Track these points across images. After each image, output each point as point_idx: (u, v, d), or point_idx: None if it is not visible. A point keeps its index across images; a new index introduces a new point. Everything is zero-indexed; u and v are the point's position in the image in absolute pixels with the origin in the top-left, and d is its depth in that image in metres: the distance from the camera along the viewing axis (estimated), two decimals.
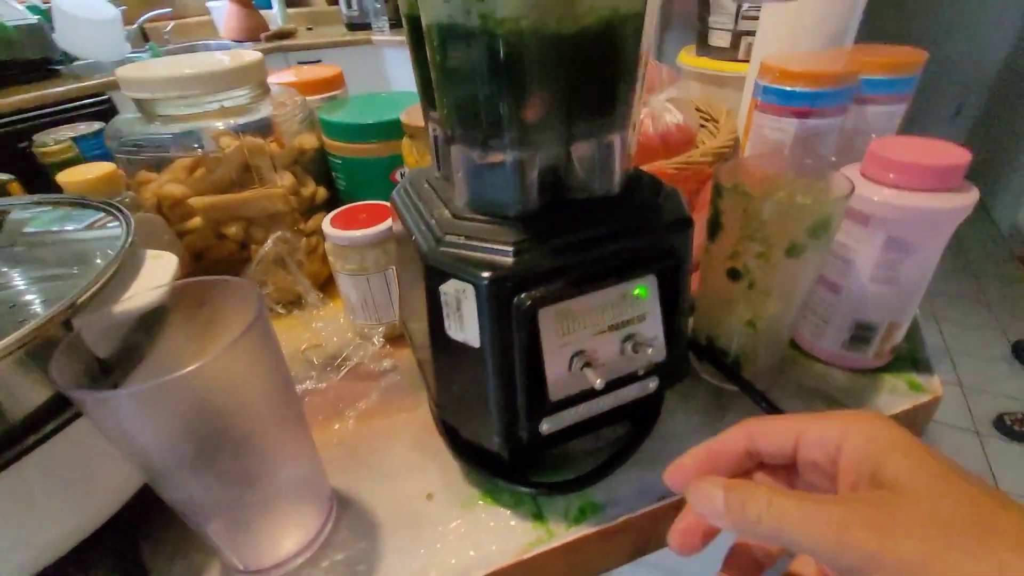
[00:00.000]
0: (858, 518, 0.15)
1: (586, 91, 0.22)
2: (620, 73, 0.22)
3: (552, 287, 0.23)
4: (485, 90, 0.21)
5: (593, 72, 0.22)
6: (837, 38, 0.52)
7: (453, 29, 0.20)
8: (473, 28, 0.19)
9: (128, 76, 0.38)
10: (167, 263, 0.29)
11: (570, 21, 0.20)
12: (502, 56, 0.20)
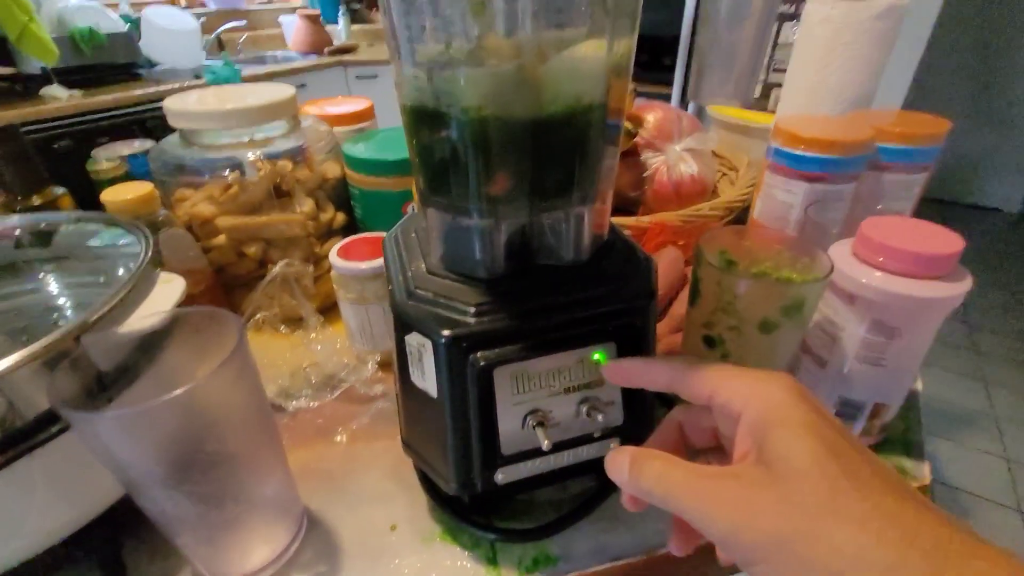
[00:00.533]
0: (725, 495, 0.16)
1: (551, 170, 0.24)
2: (585, 155, 0.24)
3: (508, 349, 0.24)
4: (453, 166, 0.23)
5: (558, 153, 0.23)
6: (860, 102, 0.51)
7: (423, 111, 0.22)
8: (441, 112, 0.21)
9: (173, 108, 0.43)
10: (175, 287, 0.32)
11: (533, 110, 0.21)
12: (468, 138, 0.22)
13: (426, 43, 0.21)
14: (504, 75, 0.21)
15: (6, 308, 0.38)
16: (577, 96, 0.22)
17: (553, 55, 0.21)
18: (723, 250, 0.35)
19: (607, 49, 0.21)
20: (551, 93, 0.21)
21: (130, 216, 0.41)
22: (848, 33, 0.49)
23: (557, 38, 0.20)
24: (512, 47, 0.20)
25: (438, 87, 0.21)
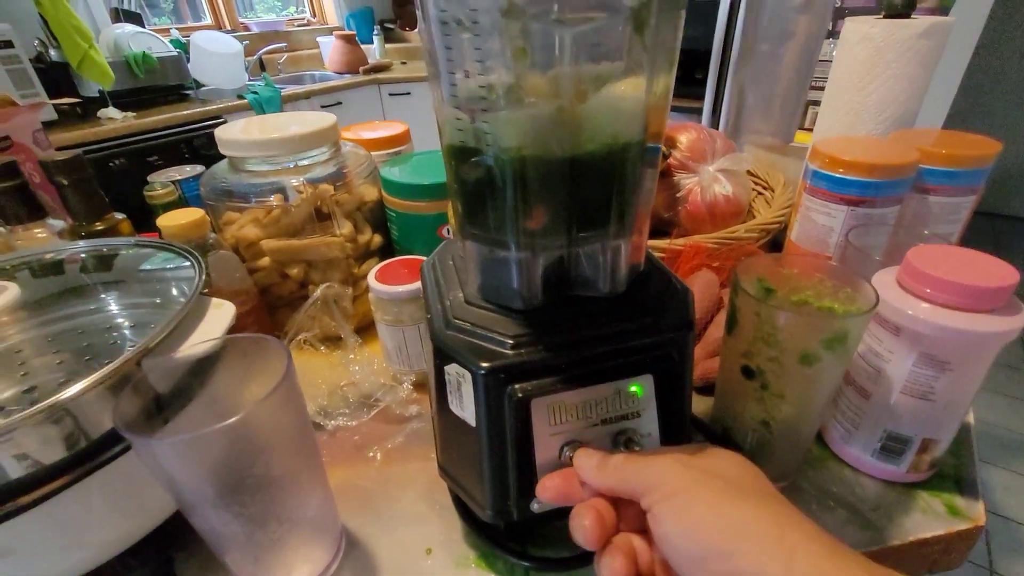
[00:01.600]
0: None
1: (589, 204, 0.24)
2: (622, 190, 0.24)
3: (545, 381, 0.25)
4: (492, 200, 0.23)
5: (595, 189, 0.23)
6: (902, 122, 0.50)
7: (464, 149, 0.23)
8: (481, 151, 0.22)
9: (223, 137, 0.45)
10: (225, 312, 0.33)
11: (572, 148, 0.22)
12: (507, 175, 0.22)
13: (468, 83, 0.21)
14: (544, 117, 0.21)
15: (71, 327, 0.40)
16: (616, 134, 0.22)
17: (592, 95, 0.21)
18: (761, 277, 0.34)
19: (647, 88, 0.22)
20: (590, 132, 0.22)
21: (183, 239, 0.43)
22: (890, 52, 0.48)
23: (596, 77, 0.21)
24: (552, 88, 0.21)
25: (479, 128, 0.22)
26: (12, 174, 0.40)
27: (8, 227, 0.42)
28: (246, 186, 0.48)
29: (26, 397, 0.34)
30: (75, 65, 1.59)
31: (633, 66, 0.21)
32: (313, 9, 2.74)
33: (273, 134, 0.45)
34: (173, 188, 0.48)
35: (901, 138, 0.47)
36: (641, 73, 0.21)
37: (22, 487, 0.25)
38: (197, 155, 1.76)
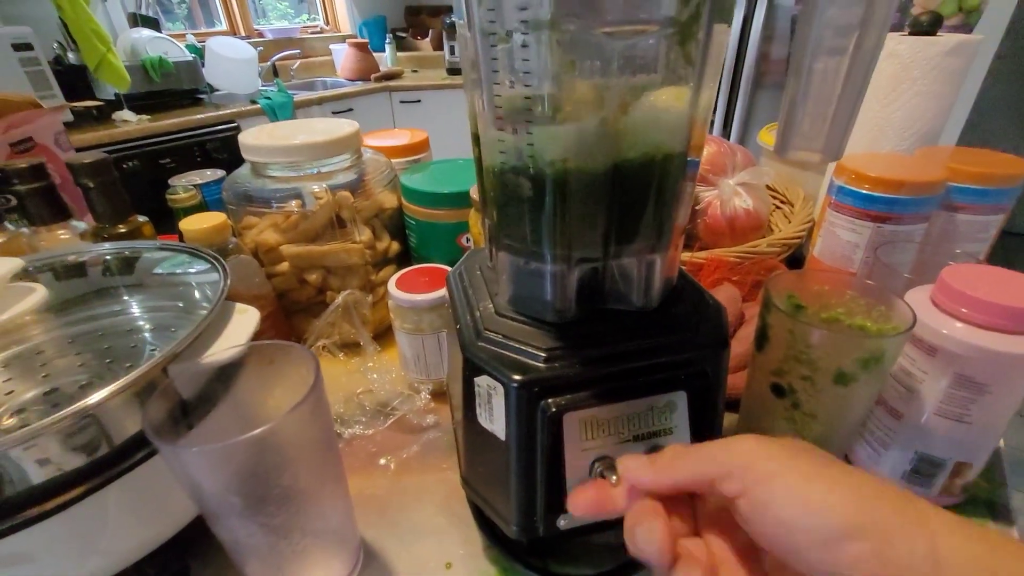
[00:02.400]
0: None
1: (627, 218, 0.24)
2: (662, 203, 0.24)
3: (578, 396, 0.24)
4: (532, 214, 0.23)
5: (635, 202, 0.23)
6: (927, 139, 0.50)
7: (504, 162, 0.22)
8: (524, 166, 0.22)
9: (246, 142, 0.45)
10: (250, 317, 0.33)
11: (613, 159, 0.22)
12: (548, 188, 0.22)
13: (511, 94, 0.21)
14: (588, 129, 0.21)
15: (93, 328, 0.40)
16: (659, 143, 0.22)
17: (636, 107, 0.21)
18: (791, 294, 0.34)
19: (691, 100, 0.21)
20: (632, 142, 0.22)
21: (204, 243, 0.43)
22: (916, 69, 0.48)
23: (641, 89, 0.21)
24: (597, 100, 0.21)
25: (520, 140, 0.22)
26: (40, 176, 0.40)
27: (32, 228, 0.42)
28: (267, 191, 0.48)
29: (47, 398, 0.34)
30: (93, 68, 1.61)
31: (678, 79, 0.21)
32: (327, 17, 2.77)
33: (296, 140, 0.45)
34: (195, 192, 0.48)
35: (928, 155, 0.46)
36: (685, 85, 0.21)
37: (44, 493, 0.25)
38: (209, 158, 1.78)
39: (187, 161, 1.73)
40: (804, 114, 0.20)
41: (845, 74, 0.20)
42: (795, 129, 0.21)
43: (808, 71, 0.20)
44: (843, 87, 0.21)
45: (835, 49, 0.19)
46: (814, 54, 0.19)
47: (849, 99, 0.20)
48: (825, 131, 0.20)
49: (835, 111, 0.20)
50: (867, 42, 0.19)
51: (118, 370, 0.36)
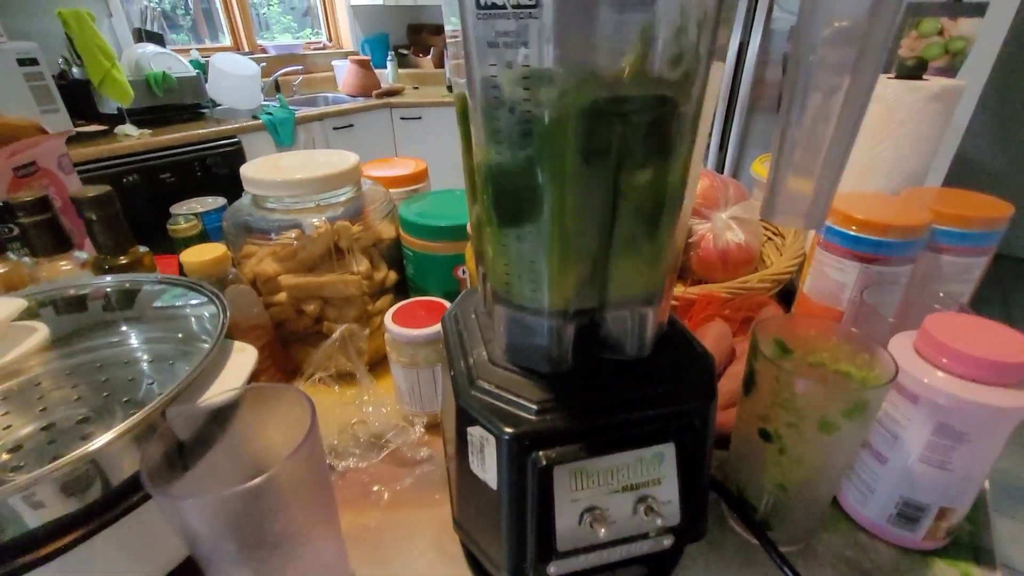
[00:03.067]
0: None
1: (625, 277, 0.24)
2: (655, 265, 0.24)
3: (569, 448, 0.25)
4: (530, 269, 0.24)
5: (628, 262, 0.24)
6: (914, 179, 0.51)
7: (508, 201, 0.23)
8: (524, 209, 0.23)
9: (248, 175, 0.46)
10: (248, 356, 0.33)
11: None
12: (548, 239, 0.23)
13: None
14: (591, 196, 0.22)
15: (91, 360, 0.40)
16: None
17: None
18: (778, 337, 0.35)
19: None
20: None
21: (204, 275, 0.44)
22: (901, 112, 0.49)
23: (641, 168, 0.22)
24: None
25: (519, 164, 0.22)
26: (43, 208, 0.40)
27: (34, 258, 0.42)
28: (267, 222, 0.48)
29: (44, 434, 0.34)
30: (96, 83, 1.62)
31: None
32: (329, 33, 2.81)
33: (297, 175, 0.46)
34: (196, 222, 0.49)
35: (913, 197, 0.47)
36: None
37: (37, 539, 0.25)
38: (209, 173, 1.79)
39: (187, 176, 1.74)
40: (788, 186, 0.21)
41: (826, 150, 0.21)
42: (780, 198, 0.22)
43: (792, 147, 0.21)
44: (827, 157, 0.22)
45: (817, 125, 0.20)
46: (800, 131, 0.20)
47: (828, 176, 0.21)
48: (808, 203, 0.21)
49: (816, 185, 0.21)
50: (853, 111, 0.20)
51: (115, 404, 0.37)
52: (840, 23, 0.18)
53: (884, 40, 0.18)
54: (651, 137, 0.21)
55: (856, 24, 0.18)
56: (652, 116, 0.20)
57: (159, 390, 0.38)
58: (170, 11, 2.32)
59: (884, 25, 0.17)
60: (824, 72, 0.19)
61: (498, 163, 0.21)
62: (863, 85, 0.19)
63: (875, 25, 0.18)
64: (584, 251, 0.23)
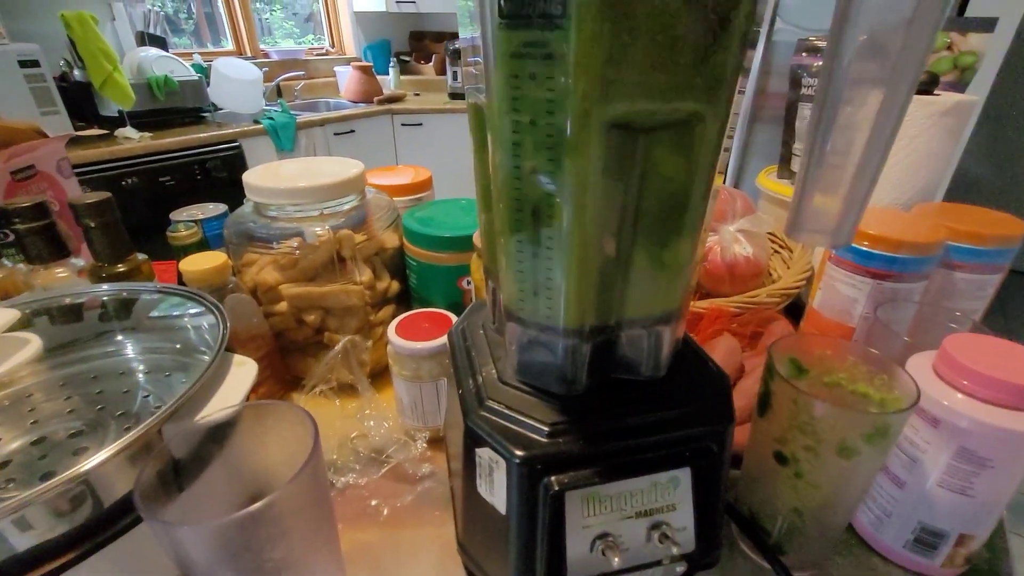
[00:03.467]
0: None
1: (643, 294, 0.24)
2: (674, 281, 0.24)
3: (582, 474, 0.24)
4: (546, 283, 0.23)
5: (648, 278, 0.23)
6: (925, 194, 0.50)
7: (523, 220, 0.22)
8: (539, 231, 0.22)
9: (251, 182, 0.45)
10: (248, 370, 0.32)
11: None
12: (566, 254, 0.22)
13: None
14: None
15: (85, 370, 0.39)
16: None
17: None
18: (793, 357, 0.34)
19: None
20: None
21: (204, 284, 0.43)
22: (913, 127, 0.49)
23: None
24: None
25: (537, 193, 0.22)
26: (40, 215, 0.39)
27: (30, 266, 0.41)
28: (269, 231, 0.48)
29: (35, 448, 0.33)
30: (98, 86, 1.62)
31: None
32: (332, 39, 2.82)
33: (301, 183, 0.45)
34: (197, 229, 0.48)
35: (926, 213, 0.47)
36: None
37: (25, 562, 0.24)
38: (209, 177, 1.78)
39: (187, 179, 1.73)
40: (815, 203, 0.21)
41: (856, 166, 0.20)
42: (806, 215, 0.21)
43: (820, 163, 0.20)
44: (857, 173, 0.21)
45: (848, 140, 0.20)
46: (829, 147, 0.20)
47: (859, 193, 0.20)
48: (835, 220, 0.21)
49: (845, 202, 0.20)
50: (886, 127, 0.19)
51: (109, 418, 0.35)
52: (875, 33, 0.17)
53: (922, 53, 0.17)
54: (676, 150, 0.20)
55: (892, 35, 0.17)
56: (678, 130, 0.20)
57: (155, 402, 0.37)
58: (173, 15, 2.33)
59: (922, 37, 0.16)
60: (857, 85, 0.18)
61: (517, 175, 0.21)
62: (898, 99, 0.18)
63: (912, 36, 0.17)
64: (603, 267, 0.23)
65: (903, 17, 0.17)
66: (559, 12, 0.17)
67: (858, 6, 0.17)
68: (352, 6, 2.66)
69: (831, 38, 0.18)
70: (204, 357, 0.36)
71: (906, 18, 0.17)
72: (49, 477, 0.30)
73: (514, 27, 0.18)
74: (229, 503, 0.29)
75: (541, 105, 0.19)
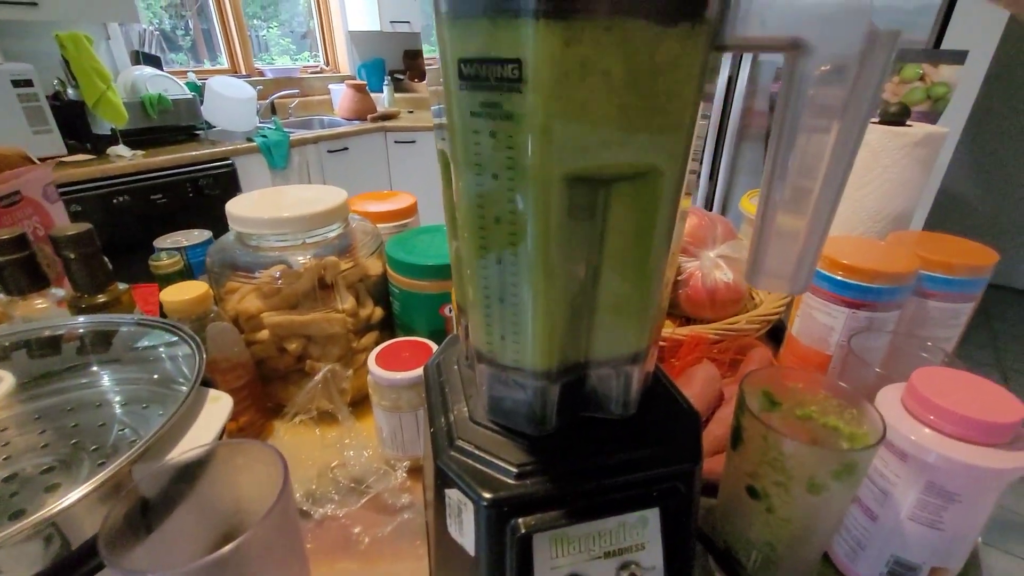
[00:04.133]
0: None
1: (610, 335, 0.24)
2: (640, 321, 0.24)
3: (549, 515, 0.24)
4: (514, 326, 0.23)
5: (613, 319, 0.24)
6: (900, 222, 0.51)
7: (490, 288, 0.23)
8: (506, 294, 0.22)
9: (234, 213, 0.46)
10: (222, 406, 0.32)
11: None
12: (532, 302, 0.22)
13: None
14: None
15: (61, 402, 0.39)
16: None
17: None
18: (766, 389, 0.34)
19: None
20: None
21: (184, 314, 0.43)
22: (887, 157, 0.50)
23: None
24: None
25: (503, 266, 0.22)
26: (21, 246, 0.39)
27: (8, 297, 0.41)
28: (252, 259, 0.48)
29: (6, 485, 0.32)
30: (91, 105, 1.63)
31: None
32: (327, 58, 2.85)
33: (285, 213, 0.46)
34: (179, 258, 0.48)
35: (900, 241, 0.48)
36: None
37: None
38: (201, 194, 1.79)
39: (179, 196, 1.73)
40: (771, 255, 0.21)
41: (812, 211, 0.21)
42: (763, 266, 0.22)
43: (776, 208, 0.21)
44: (811, 222, 0.21)
45: (798, 198, 0.20)
46: (778, 212, 0.20)
47: (816, 235, 0.21)
48: (791, 270, 0.21)
49: (802, 248, 0.21)
50: (836, 176, 0.20)
51: (83, 452, 0.35)
52: (828, 66, 0.18)
53: (874, 88, 0.17)
54: (635, 200, 0.21)
55: (846, 66, 0.17)
56: (636, 182, 0.20)
57: (130, 435, 0.37)
58: (170, 32, 2.35)
59: (875, 69, 0.17)
60: (812, 118, 0.19)
61: (481, 224, 0.21)
62: (850, 138, 0.19)
63: (866, 68, 0.17)
64: (569, 312, 0.23)
65: (857, 48, 0.17)
66: (516, 77, 0.17)
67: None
68: (347, 25, 2.69)
69: (786, 69, 0.19)
70: (182, 388, 0.36)
71: (861, 48, 0.17)
72: (19, 516, 0.30)
73: (473, 88, 0.18)
74: (199, 544, 0.29)
75: (502, 160, 0.19)
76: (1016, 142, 2.36)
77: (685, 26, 0.17)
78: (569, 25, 0.16)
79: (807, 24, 0.17)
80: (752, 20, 0.18)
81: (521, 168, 0.19)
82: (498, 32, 0.17)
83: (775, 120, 0.20)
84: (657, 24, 0.17)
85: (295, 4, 2.72)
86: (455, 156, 0.21)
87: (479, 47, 0.17)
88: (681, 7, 0.17)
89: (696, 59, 0.18)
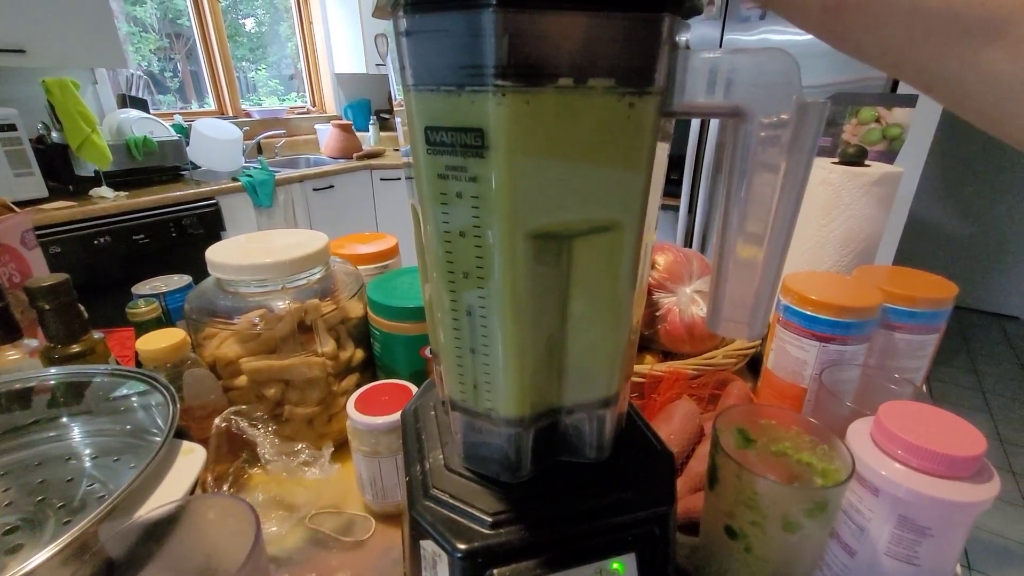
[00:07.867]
0: None
1: (581, 381, 0.25)
2: (606, 380, 0.25)
3: (524, 564, 0.24)
4: (487, 381, 0.24)
5: (584, 365, 0.24)
6: (866, 255, 0.53)
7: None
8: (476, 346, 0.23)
9: (214, 259, 0.46)
10: (195, 459, 0.32)
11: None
12: (503, 354, 0.23)
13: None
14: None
15: (30, 456, 0.38)
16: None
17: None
18: (741, 427, 0.35)
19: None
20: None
21: (160, 362, 0.43)
22: (848, 195, 0.52)
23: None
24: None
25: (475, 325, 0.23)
26: None
27: None
28: (232, 306, 0.48)
29: None
30: (75, 148, 1.63)
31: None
32: (313, 99, 2.91)
33: (266, 259, 0.46)
34: (156, 305, 0.48)
35: (865, 275, 0.49)
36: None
37: None
38: (185, 233, 1.78)
39: (161, 237, 1.73)
40: (730, 296, 0.22)
41: (764, 258, 0.22)
42: (721, 314, 0.23)
43: (728, 272, 0.22)
44: (763, 270, 0.22)
45: (749, 245, 0.21)
46: (731, 262, 0.21)
47: (768, 282, 0.22)
48: (747, 315, 0.22)
49: (754, 300, 0.22)
50: (774, 243, 0.21)
51: (49, 510, 0.34)
52: (764, 132, 0.19)
53: (811, 142, 0.19)
54: (598, 252, 0.22)
55: (781, 131, 0.19)
56: (599, 236, 0.21)
57: (100, 490, 0.36)
58: (158, 73, 2.38)
59: (809, 132, 0.18)
60: (756, 173, 0.20)
61: (451, 279, 0.22)
62: (793, 190, 0.20)
63: (801, 131, 0.19)
64: (539, 361, 0.24)
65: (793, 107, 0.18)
66: (479, 144, 0.18)
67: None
68: (333, 67, 2.76)
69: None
70: (156, 438, 0.36)
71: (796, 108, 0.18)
72: None
73: (438, 153, 0.19)
74: None
75: (467, 219, 0.20)
76: (980, 171, 2.47)
77: (636, 96, 0.19)
78: (527, 98, 0.18)
79: (746, 94, 0.18)
80: (697, 90, 0.19)
81: (487, 226, 0.20)
82: (461, 104, 0.18)
83: (723, 178, 0.22)
84: (610, 94, 0.18)
85: (283, 47, 2.79)
86: (424, 214, 0.21)
87: (444, 116, 0.19)
88: (632, 79, 0.18)
89: (648, 124, 0.19)
